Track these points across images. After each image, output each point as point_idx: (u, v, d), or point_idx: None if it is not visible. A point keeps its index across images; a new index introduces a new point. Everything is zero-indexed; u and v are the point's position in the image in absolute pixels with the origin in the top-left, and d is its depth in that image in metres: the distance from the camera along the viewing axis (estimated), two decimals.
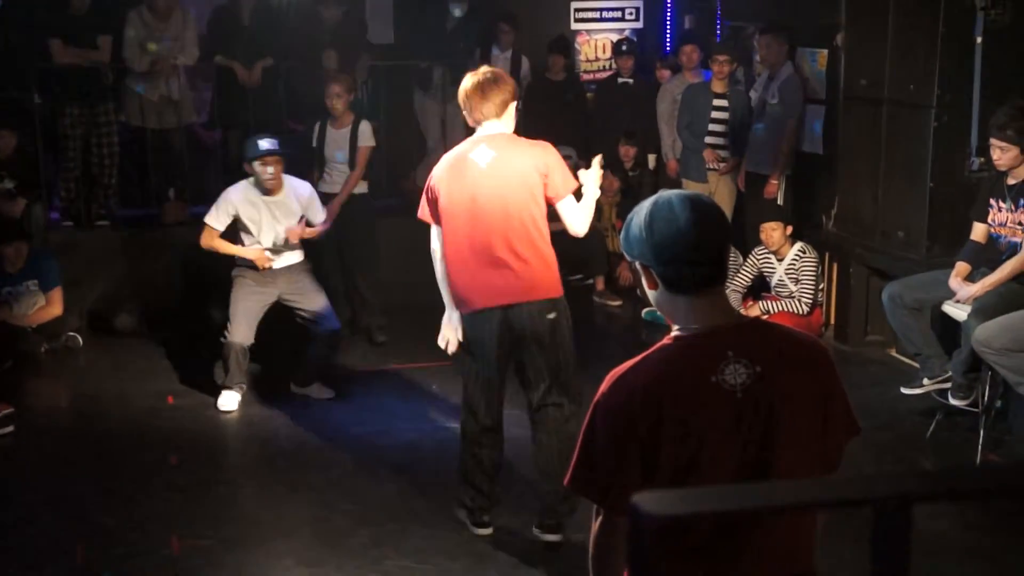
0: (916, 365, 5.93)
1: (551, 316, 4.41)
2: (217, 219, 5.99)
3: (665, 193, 2.23)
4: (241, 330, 5.93)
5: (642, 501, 0.92)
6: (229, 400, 5.97)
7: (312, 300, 6.09)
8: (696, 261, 2.14)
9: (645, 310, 7.64)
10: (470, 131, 10.23)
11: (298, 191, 6.08)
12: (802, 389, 2.15)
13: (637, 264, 2.21)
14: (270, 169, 5.87)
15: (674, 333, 2.20)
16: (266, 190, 5.94)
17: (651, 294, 2.23)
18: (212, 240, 6.03)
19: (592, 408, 2.18)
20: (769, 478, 2.11)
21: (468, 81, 4.37)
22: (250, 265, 6.00)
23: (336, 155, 6.96)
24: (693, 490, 1.35)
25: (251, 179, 5.99)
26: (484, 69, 4.45)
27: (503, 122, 4.45)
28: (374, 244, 7.28)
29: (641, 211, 2.20)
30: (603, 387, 2.18)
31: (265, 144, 5.87)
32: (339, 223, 6.73)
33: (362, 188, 7.11)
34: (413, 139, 8.74)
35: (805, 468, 2.16)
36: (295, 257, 6.13)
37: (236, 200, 5.97)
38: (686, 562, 2.12)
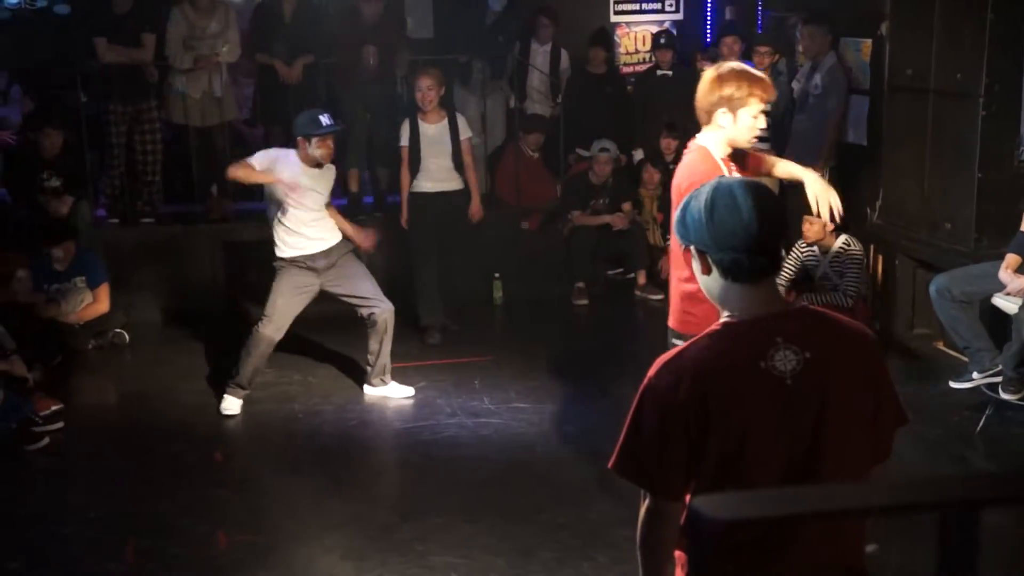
0: (965, 359, 5.85)
1: None
2: (258, 161, 5.76)
3: (725, 180, 2.21)
4: (275, 324, 5.81)
5: (703, 505, 0.91)
6: (232, 404, 5.89)
7: (357, 283, 5.93)
8: (755, 251, 2.14)
9: None
10: (511, 125, 10.29)
11: (332, 172, 6.00)
12: (852, 376, 2.14)
13: (692, 249, 2.21)
14: (329, 145, 5.74)
15: (723, 319, 2.20)
16: (317, 163, 5.78)
17: (702, 279, 2.23)
18: (244, 169, 5.73)
19: (640, 393, 2.18)
20: (819, 466, 2.11)
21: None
22: (292, 259, 5.88)
23: (437, 152, 6.84)
24: (754, 493, 1.33)
25: (294, 151, 5.80)
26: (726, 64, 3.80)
27: (709, 134, 3.79)
28: (466, 239, 7.23)
29: (700, 196, 2.19)
30: (651, 372, 2.18)
31: (326, 121, 5.72)
32: (444, 220, 6.70)
33: (460, 183, 7.04)
34: None
35: (856, 456, 2.15)
36: (333, 238, 5.92)
37: (280, 162, 5.74)
38: (736, 554, 2.10)
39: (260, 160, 5.76)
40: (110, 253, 7.38)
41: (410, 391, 6.13)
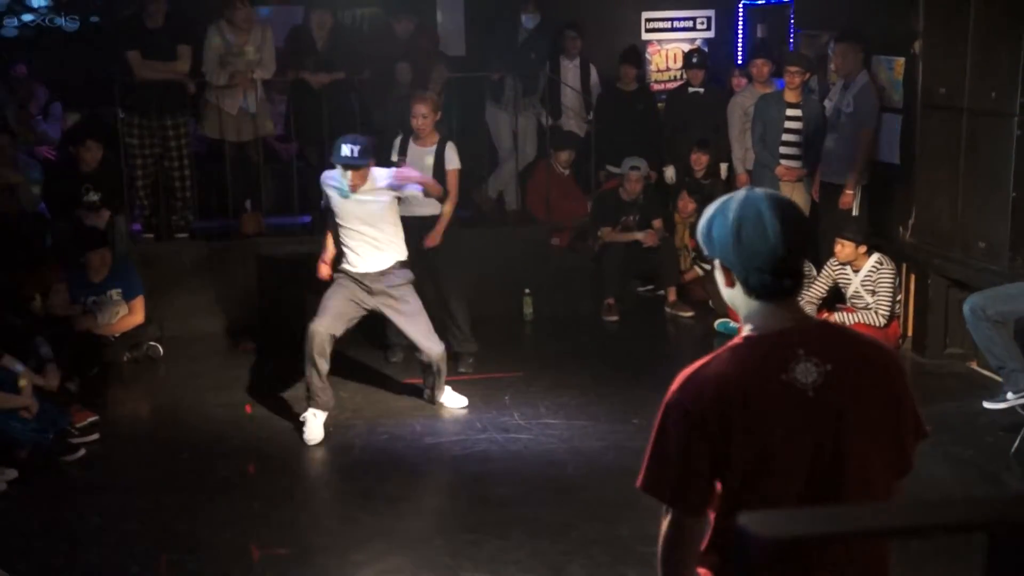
0: (999, 379, 5.80)
1: None
2: (325, 206, 5.98)
3: (752, 196, 2.19)
4: (326, 320, 5.73)
5: (750, 523, 0.92)
6: (312, 431, 5.76)
7: (410, 322, 5.91)
8: (780, 272, 2.16)
9: (718, 321, 7.58)
10: (542, 142, 10.30)
11: (378, 182, 5.79)
12: (873, 389, 2.15)
13: (716, 262, 2.22)
14: (349, 175, 5.69)
15: (745, 333, 2.22)
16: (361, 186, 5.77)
17: (726, 291, 2.25)
18: (327, 232, 6.04)
19: (663, 408, 2.19)
20: (842, 479, 2.11)
21: None
22: (344, 270, 5.86)
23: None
24: (800, 512, 1.34)
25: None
26: None
27: None
28: (464, 268, 7.03)
29: (728, 212, 2.18)
30: (673, 386, 2.19)
31: (345, 152, 5.64)
32: (432, 252, 6.63)
33: (437, 209, 6.74)
34: (484, 151, 8.78)
35: (878, 469, 2.16)
36: (383, 262, 5.85)
37: (328, 184, 5.86)
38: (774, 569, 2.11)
39: (326, 201, 5.94)
40: (145, 267, 7.46)
41: (464, 400, 6.19)
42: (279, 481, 5.37)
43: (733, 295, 2.23)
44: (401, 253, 5.94)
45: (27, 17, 9.30)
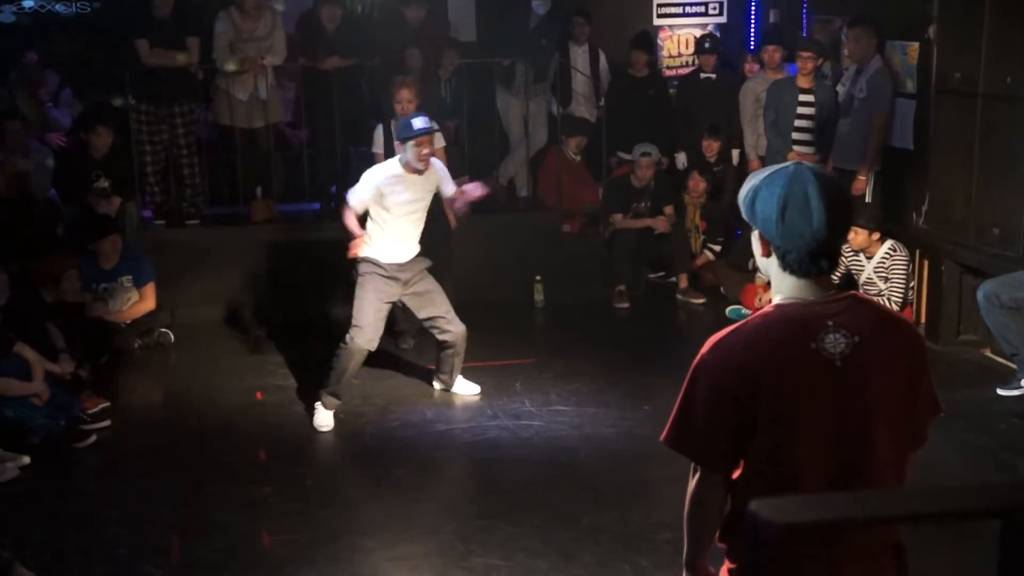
0: (1013, 366, 5.77)
1: None
2: (356, 197, 5.69)
3: (801, 174, 2.21)
4: (368, 333, 5.65)
5: (762, 508, 0.91)
6: (325, 419, 5.77)
7: (434, 305, 5.85)
8: (818, 254, 2.21)
9: (729, 308, 7.55)
10: (553, 129, 10.28)
11: (436, 166, 5.76)
12: (897, 362, 2.21)
13: (756, 232, 2.27)
14: (425, 150, 5.56)
15: (776, 302, 2.28)
16: (418, 169, 5.62)
17: (761, 260, 2.30)
18: (347, 217, 5.74)
19: (692, 370, 2.26)
20: (865, 447, 2.17)
21: None
22: (375, 261, 5.74)
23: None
24: (812, 497, 1.33)
25: (397, 158, 5.71)
26: None
27: None
28: (450, 248, 7.08)
29: (774, 187, 2.21)
30: (704, 350, 2.26)
31: (420, 124, 5.55)
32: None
33: None
34: (495, 137, 8.76)
35: (898, 440, 2.22)
36: (417, 249, 5.83)
37: (380, 180, 5.63)
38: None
39: (361, 191, 5.65)
40: (156, 254, 7.47)
41: (476, 388, 6.15)
42: (290, 467, 5.37)
43: (768, 264, 2.28)
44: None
45: (27, 3, 9.32)
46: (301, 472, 5.34)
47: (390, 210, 5.67)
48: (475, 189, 5.86)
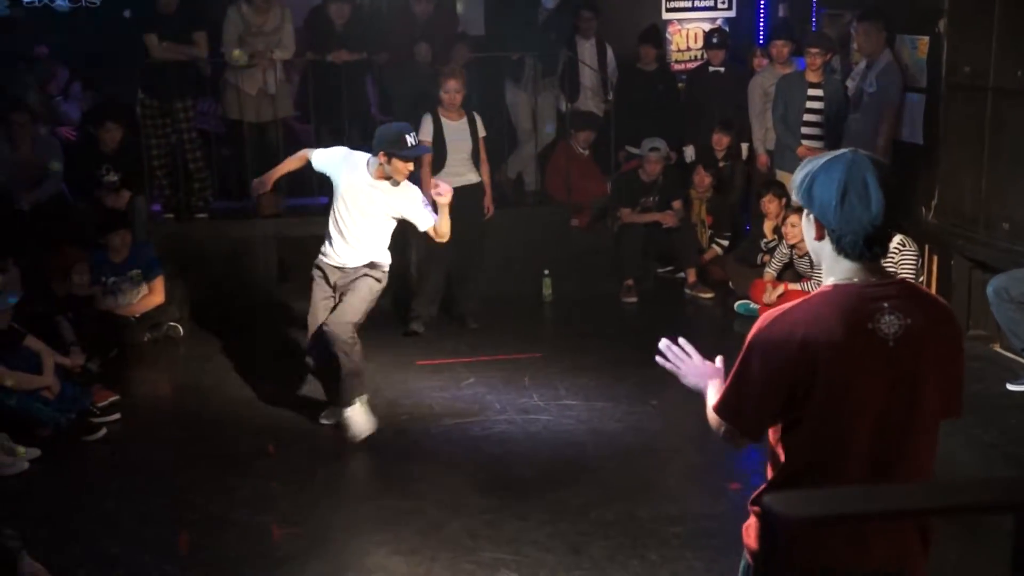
0: (1022, 361, 5.75)
1: None
2: (316, 156, 5.57)
3: (860, 161, 2.30)
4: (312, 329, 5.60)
5: (775, 502, 0.91)
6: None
7: (343, 305, 5.48)
8: (873, 240, 2.30)
9: (738, 303, 7.54)
10: (561, 123, 10.28)
11: (415, 196, 5.46)
12: (943, 345, 2.35)
13: (812, 215, 2.34)
14: (411, 167, 5.36)
15: (832, 282, 2.36)
16: (393, 181, 5.37)
17: (813, 244, 2.39)
18: (290, 159, 5.67)
19: (748, 343, 2.35)
20: (908, 424, 2.29)
21: None
22: (319, 266, 5.59)
23: (460, 147, 6.93)
24: (828, 492, 1.33)
25: (367, 160, 5.44)
26: None
27: None
28: (483, 234, 7.25)
29: (833, 173, 2.29)
30: (761, 323, 2.35)
31: (412, 141, 5.28)
32: (463, 213, 6.37)
33: (477, 177, 7.10)
34: (504, 131, 8.75)
35: (937, 414, 2.36)
36: (357, 260, 5.52)
37: (344, 163, 5.44)
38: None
39: (323, 156, 5.58)
40: (165, 248, 7.49)
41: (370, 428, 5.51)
42: (299, 461, 5.39)
43: (820, 248, 2.37)
44: (375, 257, 5.54)
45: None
46: (310, 466, 5.34)
47: (346, 202, 5.42)
48: (442, 194, 5.39)
